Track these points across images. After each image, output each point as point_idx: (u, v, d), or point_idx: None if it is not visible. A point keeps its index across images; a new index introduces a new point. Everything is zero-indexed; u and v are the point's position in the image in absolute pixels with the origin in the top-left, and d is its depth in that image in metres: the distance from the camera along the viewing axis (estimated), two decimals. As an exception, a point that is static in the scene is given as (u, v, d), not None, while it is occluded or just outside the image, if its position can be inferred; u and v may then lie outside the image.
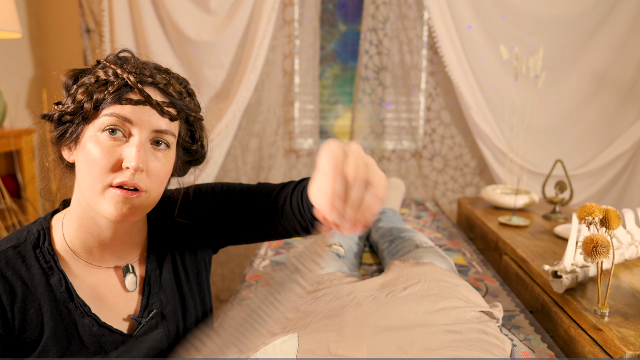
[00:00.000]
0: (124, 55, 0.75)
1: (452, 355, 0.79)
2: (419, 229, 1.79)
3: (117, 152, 0.68)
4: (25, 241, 0.72)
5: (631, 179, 2.37)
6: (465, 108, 2.26)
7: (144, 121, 0.69)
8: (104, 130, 0.68)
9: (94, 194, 0.68)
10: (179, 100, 0.74)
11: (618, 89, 2.29)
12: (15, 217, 2.06)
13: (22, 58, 2.35)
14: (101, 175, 0.67)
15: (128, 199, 0.68)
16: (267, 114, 2.42)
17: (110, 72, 0.69)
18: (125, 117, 0.68)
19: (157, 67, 0.75)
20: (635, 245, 1.31)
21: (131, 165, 0.67)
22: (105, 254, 0.76)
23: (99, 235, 0.74)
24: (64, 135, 0.72)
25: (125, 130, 0.69)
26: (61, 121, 0.72)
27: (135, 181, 0.68)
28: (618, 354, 0.91)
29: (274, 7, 2.15)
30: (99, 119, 0.68)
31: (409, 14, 2.30)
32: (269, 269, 1.41)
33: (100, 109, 0.68)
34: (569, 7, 2.19)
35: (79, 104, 0.69)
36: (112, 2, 2.12)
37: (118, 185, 0.67)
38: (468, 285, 1.07)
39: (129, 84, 0.69)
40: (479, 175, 2.51)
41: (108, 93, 0.68)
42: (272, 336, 0.86)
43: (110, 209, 0.67)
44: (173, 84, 0.74)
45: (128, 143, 0.69)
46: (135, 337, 0.76)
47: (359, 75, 2.37)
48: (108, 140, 0.68)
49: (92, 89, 0.69)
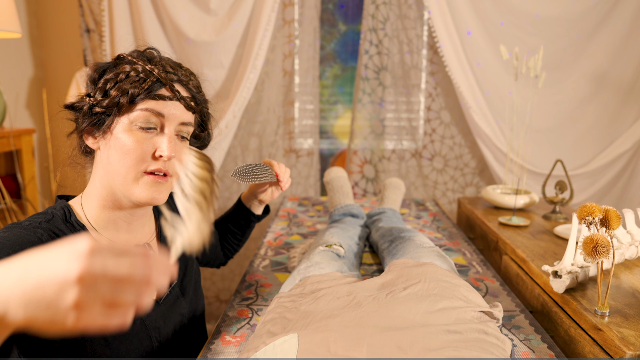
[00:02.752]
0: (150, 52, 0.82)
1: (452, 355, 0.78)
2: (419, 229, 1.79)
3: (151, 143, 0.76)
4: (54, 217, 0.76)
5: (631, 179, 2.37)
6: (465, 108, 2.26)
7: (173, 115, 0.78)
8: (138, 123, 0.76)
9: (127, 181, 0.76)
10: (198, 95, 0.83)
11: (618, 89, 2.29)
12: (15, 217, 2.06)
13: (22, 58, 2.35)
14: (136, 163, 0.75)
15: (160, 184, 0.77)
16: (267, 114, 2.42)
17: (141, 69, 0.76)
18: (159, 112, 0.76)
19: (177, 63, 0.83)
20: (635, 245, 1.31)
21: (165, 155, 0.76)
22: (127, 234, 0.83)
23: (122, 216, 0.81)
24: (93, 125, 0.78)
25: (157, 123, 0.77)
26: (91, 112, 0.77)
27: (167, 168, 0.78)
28: (618, 354, 0.91)
29: (274, 7, 2.15)
30: (133, 113, 0.76)
31: (409, 14, 2.30)
32: (269, 269, 1.41)
33: (134, 103, 0.75)
34: (569, 7, 2.19)
35: (114, 98, 0.75)
36: (112, 2, 2.12)
37: (150, 172, 0.77)
38: (468, 285, 1.07)
39: (160, 80, 0.76)
40: (479, 175, 2.51)
41: (142, 89, 0.75)
42: (272, 336, 0.86)
43: (144, 193, 0.76)
44: (192, 79, 0.82)
45: (160, 135, 0.78)
46: (163, 305, 0.85)
47: (359, 75, 2.36)
48: (141, 132, 0.76)
49: (125, 85, 0.75)
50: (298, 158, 2.51)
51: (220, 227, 1.24)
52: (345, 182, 1.86)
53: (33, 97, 2.41)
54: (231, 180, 2.47)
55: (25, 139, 2.12)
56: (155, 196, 0.77)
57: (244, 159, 2.47)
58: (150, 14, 2.16)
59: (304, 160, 2.51)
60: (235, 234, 1.23)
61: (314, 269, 1.19)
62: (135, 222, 0.84)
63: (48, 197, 2.46)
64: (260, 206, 1.21)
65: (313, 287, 1.09)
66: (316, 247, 1.33)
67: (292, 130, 2.48)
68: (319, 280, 1.12)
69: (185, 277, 0.95)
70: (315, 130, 2.49)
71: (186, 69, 0.84)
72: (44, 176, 2.47)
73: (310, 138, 2.51)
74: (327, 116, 2.61)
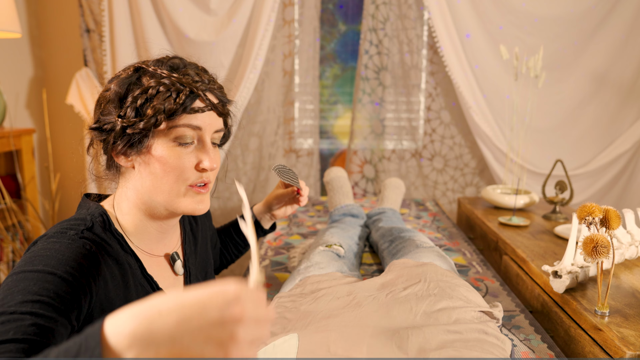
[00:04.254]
0: (173, 62, 0.77)
1: (452, 355, 0.78)
2: (419, 229, 1.79)
3: (192, 157, 0.76)
4: (93, 225, 0.74)
5: (631, 179, 2.37)
6: (465, 108, 2.26)
7: (209, 125, 0.76)
8: (177, 139, 0.74)
9: (172, 196, 0.76)
10: (225, 98, 0.81)
11: (618, 89, 2.29)
12: (15, 217, 2.06)
13: (22, 58, 2.35)
14: (180, 179, 0.75)
15: (202, 194, 0.78)
16: (267, 114, 2.42)
17: (169, 82, 0.73)
18: (197, 126, 0.75)
19: (199, 68, 0.80)
20: (635, 245, 1.31)
21: (209, 167, 0.76)
22: (159, 244, 0.84)
23: (156, 226, 0.81)
24: (126, 145, 0.74)
25: (195, 136, 0.76)
26: (124, 133, 0.74)
27: (210, 178, 0.79)
28: (618, 354, 0.91)
29: (274, 7, 2.15)
30: (171, 130, 0.73)
31: (409, 14, 2.30)
32: (269, 269, 1.41)
33: (171, 119, 0.73)
34: (569, 7, 2.19)
35: (150, 119, 0.72)
36: (112, 2, 2.12)
37: (194, 184, 0.77)
38: (468, 285, 1.07)
39: (192, 92, 0.74)
40: (479, 175, 2.51)
41: (177, 104, 0.72)
42: (272, 336, 0.86)
43: (190, 206, 0.77)
44: (217, 83, 0.80)
45: (201, 147, 0.76)
46: None
47: (359, 75, 2.36)
48: (181, 148, 0.75)
49: (159, 103, 0.72)
50: (298, 158, 2.51)
51: (224, 234, 1.23)
52: (345, 182, 1.85)
53: (33, 97, 2.41)
54: (231, 180, 2.47)
55: (25, 139, 2.12)
56: (199, 207, 0.78)
57: (244, 159, 2.47)
58: (150, 14, 2.16)
59: (304, 160, 2.51)
60: (237, 244, 1.22)
61: (314, 269, 1.19)
62: (167, 231, 0.84)
63: (48, 197, 2.46)
64: (270, 221, 1.21)
65: (313, 287, 1.09)
66: (316, 247, 1.33)
67: (292, 130, 2.48)
68: (319, 280, 1.12)
69: None
70: (315, 130, 2.48)
71: (207, 71, 0.82)
72: (44, 176, 2.47)
73: (310, 138, 2.51)
74: (327, 116, 2.61)
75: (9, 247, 2.12)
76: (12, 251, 2.14)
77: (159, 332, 0.41)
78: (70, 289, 0.63)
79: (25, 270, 0.63)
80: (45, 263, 0.64)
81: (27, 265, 0.64)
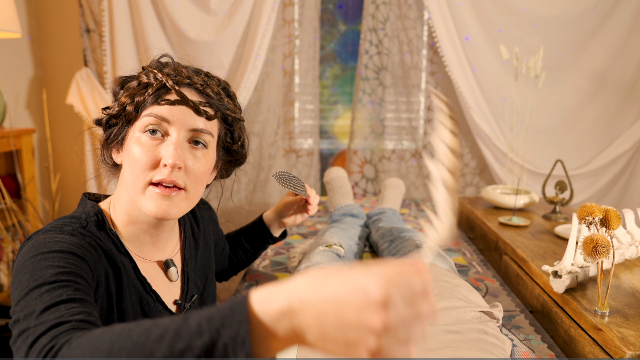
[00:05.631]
0: (165, 60, 0.79)
1: (452, 355, 0.78)
2: (419, 229, 1.79)
3: (156, 151, 0.71)
4: (88, 224, 0.73)
5: (631, 179, 2.37)
6: (465, 108, 2.26)
7: (181, 120, 0.72)
8: (145, 130, 0.72)
9: (136, 192, 0.72)
10: (217, 101, 0.77)
11: (618, 89, 2.29)
12: (15, 217, 2.06)
13: (22, 58, 2.35)
14: (142, 173, 0.71)
15: (167, 196, 0.71)
16: (267, 114, 2.42)
17: (151, 76, 0.74)
18: (163, 117, 0.71)
19: (196, 70, 0.79)
20: (635, 245, 1.31)
21: (168, 163, 0.70)
22: (152, 249, 0.81)
23: (147, 231, 0.78)
24: (112, 138, 0.76)
25: (164, 130, 0.72)
26: (109, 124, 0.76)
27: (173, 178, 0.71)
28: (618, 354, 0.91)
29: (274, 7, 2.15)
30: (140, 120, 0.73)
31: (409, 14, 2.30)
32: (269, 269, 1.41)
33: (140, 110, 0.72)
34: (569, 7, 2.19)
35: (122, 106, 0.73)
36: (112, 2, 2.12)
37: (157, 183, 0.71)
38: (468, 285, 1.07)
39: (167, 85, 0.72)
40: (479, 175, 2.51)
41: (148, 95, 0.72)
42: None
43: (150, 206, 0.71)
44: (211, 85, 0.77)
45: (166, 141, 0.72)
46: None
47: (358, 75, 2.36)
48: (148, 140, 0.72)
49: (133, 92, 0.73)
50: (298, 158, 2.51)
51: (234, 240, 1.21)
52: (345, 182, 1.86)
53: (33, 97, 2.41)
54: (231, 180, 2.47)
55: (25, 139, 2.12)
56: (165, 210, 0.71)
57: (244, 159, 2.47)
58: (150, 14, 2.16)
59: (304, 160, 2.51)
60: (247, 250, 1.21)
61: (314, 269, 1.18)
62: (158, 236, 0.80)
63: (48, 197, 2.46)
64: (279, 229, 1.20)
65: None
66: (316, 247, 1.33)
67: (292, 130, 2.48)
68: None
69: (205, 291, 0.93)
70: (315, 130, 2.48)
71: (213, 76, 0.80)
72: (44, 176, 2.47)
73: (310, 138, 2.51)
74: (327, 116, 2.61)
75: (9, 247, 2.12)
76: (12, 251, 2.14)
77: (302, 321, 0.38)
78: (90, 268, 0.65)
79: (42, 252, 0.62)
80: (59, 246, 0.64)
81: (40, 249, 0.63)
